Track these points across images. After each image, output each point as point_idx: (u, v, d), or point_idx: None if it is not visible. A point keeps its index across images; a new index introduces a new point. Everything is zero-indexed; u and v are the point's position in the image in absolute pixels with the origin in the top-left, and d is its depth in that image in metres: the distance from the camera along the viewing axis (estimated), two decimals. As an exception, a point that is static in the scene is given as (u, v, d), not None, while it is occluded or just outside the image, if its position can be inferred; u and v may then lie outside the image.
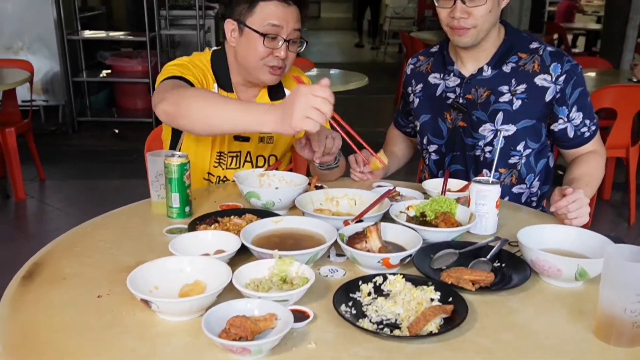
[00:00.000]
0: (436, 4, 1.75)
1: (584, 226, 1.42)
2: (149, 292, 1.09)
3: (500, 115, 1.80)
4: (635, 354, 1.01)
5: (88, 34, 6.16)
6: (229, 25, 1.77)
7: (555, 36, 8.54)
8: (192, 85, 1.69)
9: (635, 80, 3.96)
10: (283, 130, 1.34)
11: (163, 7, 6.52)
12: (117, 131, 5.78)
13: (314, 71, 4.41)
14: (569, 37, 9.99)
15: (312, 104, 1.27)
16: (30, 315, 1.09)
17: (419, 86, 1.96)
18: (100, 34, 6.36)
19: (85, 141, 5.59)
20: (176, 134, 1.84)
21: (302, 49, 1.80)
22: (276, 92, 1.89)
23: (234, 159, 1.89)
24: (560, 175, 1.99)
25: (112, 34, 6.42)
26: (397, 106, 2.16)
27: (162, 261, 1.17)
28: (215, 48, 1.87)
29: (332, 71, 5.19)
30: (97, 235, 1.44)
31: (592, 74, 4.65)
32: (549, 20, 10.97)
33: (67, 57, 5.63)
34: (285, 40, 1.70)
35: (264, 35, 1.68)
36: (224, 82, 1.81)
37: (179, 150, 1.83)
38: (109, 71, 6.20)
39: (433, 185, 1.70)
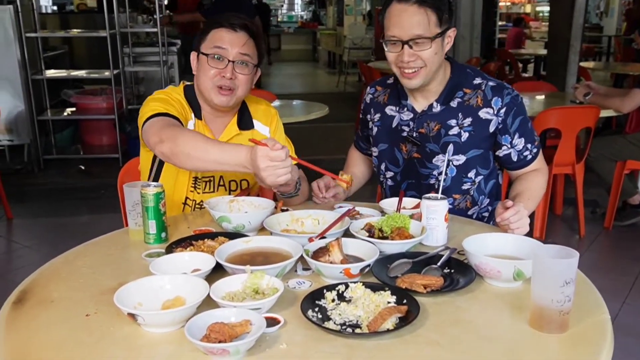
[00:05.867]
0: (385, 49, 1.88)
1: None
2: (133, 308, 1.20)
3: (451, 147, 1.95)
4: (563, 339, 1.16)
5: (52, 73, 6.22)
6: (193, 57, 1.95)
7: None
8: (177, 119, 1.83)
9: (577, 102, 4.19)
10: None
11: (126, 45, 6.63)
12: (83, 168, 5.82)
13: (276, 102, 4.56)
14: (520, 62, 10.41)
15: (277, 171, 1.52)
16: (24, 336, 1.18)
17: (377, 115, 2.10)
18: (64, 72, 6.43)
19: (51, 179, 5.61)
20: (157, 165, 1.96)
21: (256, 76, 1.95)
22: (245, 123, 2.03)
23: (207, 183, 2.01)
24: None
25: (75, 72, 6.50)
26: (357, 130, 2.31)
27: (144, 280, 1.28)
28: (188, 83, 2.02)
29: (295, 102, 5.36)
30: (80, 262, 1.54)
31: (540, 97, 4.92)
32: (500, 47, 11.42)
33: (32, 96, 5.69)
34: (230, 61, 1.86)
35: (209, 55, 1.86)
36: (197, 112, 1.96)
37: (160, 179, 1.96)
38: (74, 109, 6.26)
39: (389, 203, 1.85)
